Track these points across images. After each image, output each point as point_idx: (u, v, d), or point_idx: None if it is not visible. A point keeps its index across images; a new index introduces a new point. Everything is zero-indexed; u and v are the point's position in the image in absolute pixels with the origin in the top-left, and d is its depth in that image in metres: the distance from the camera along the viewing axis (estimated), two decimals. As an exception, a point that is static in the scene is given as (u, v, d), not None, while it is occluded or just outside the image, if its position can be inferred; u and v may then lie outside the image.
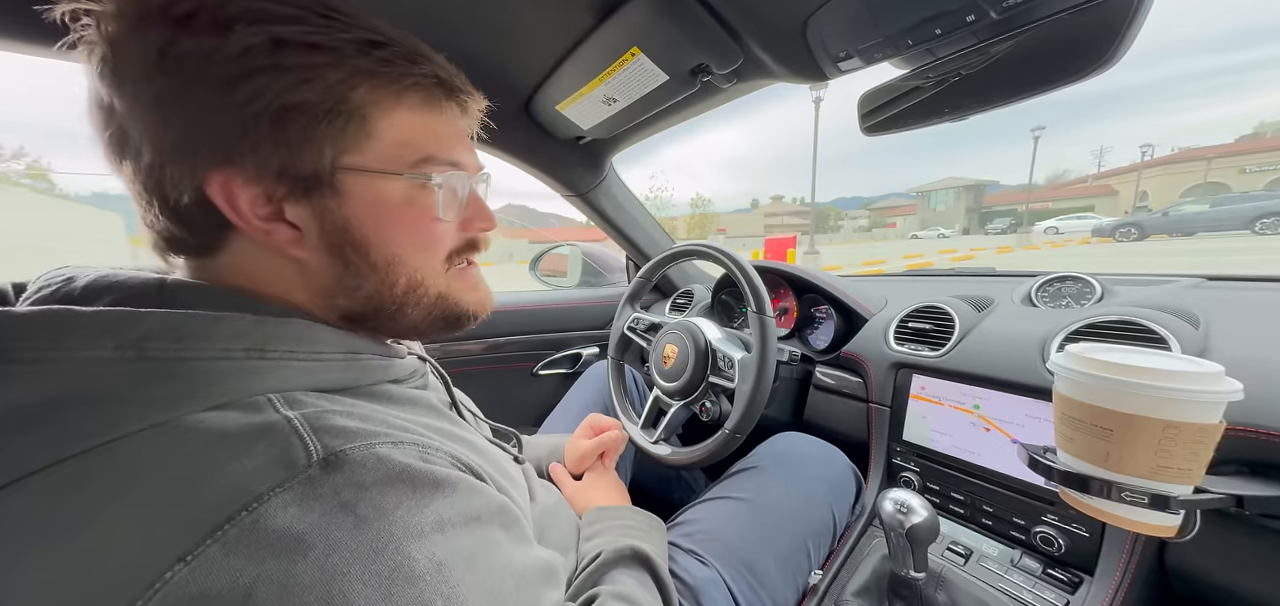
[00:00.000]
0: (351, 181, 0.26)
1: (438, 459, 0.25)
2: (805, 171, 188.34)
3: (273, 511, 0.19)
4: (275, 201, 0.25)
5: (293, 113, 0.24)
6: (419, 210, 0.28)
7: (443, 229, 0.30)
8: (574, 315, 1.15)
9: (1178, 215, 16.88)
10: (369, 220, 0.27)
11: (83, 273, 0.24)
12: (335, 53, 0.24)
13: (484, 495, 0.26)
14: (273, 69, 0.23)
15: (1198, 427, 0.33)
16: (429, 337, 0.33)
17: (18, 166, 46.26)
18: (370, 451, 0.22)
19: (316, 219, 0.26)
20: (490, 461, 0.32)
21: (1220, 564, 0.47)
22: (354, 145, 0.26)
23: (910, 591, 0.51)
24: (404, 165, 0.27)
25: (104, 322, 0.21)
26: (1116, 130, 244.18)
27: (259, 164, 0.24)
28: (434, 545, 0.22)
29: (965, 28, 0.44)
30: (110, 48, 0.23)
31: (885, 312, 0.80)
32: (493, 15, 0.58)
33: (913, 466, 0.69)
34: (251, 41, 0.23)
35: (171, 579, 0.18)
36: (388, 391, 0.29)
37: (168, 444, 0.20)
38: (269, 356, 0.24)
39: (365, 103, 0.25)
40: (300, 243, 0.26)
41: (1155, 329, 0.55)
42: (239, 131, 0.23)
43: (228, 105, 0.23)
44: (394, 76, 0.26)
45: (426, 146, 0.28)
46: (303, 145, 0.25)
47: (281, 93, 0.23)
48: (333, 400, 0.25)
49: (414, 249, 0.29)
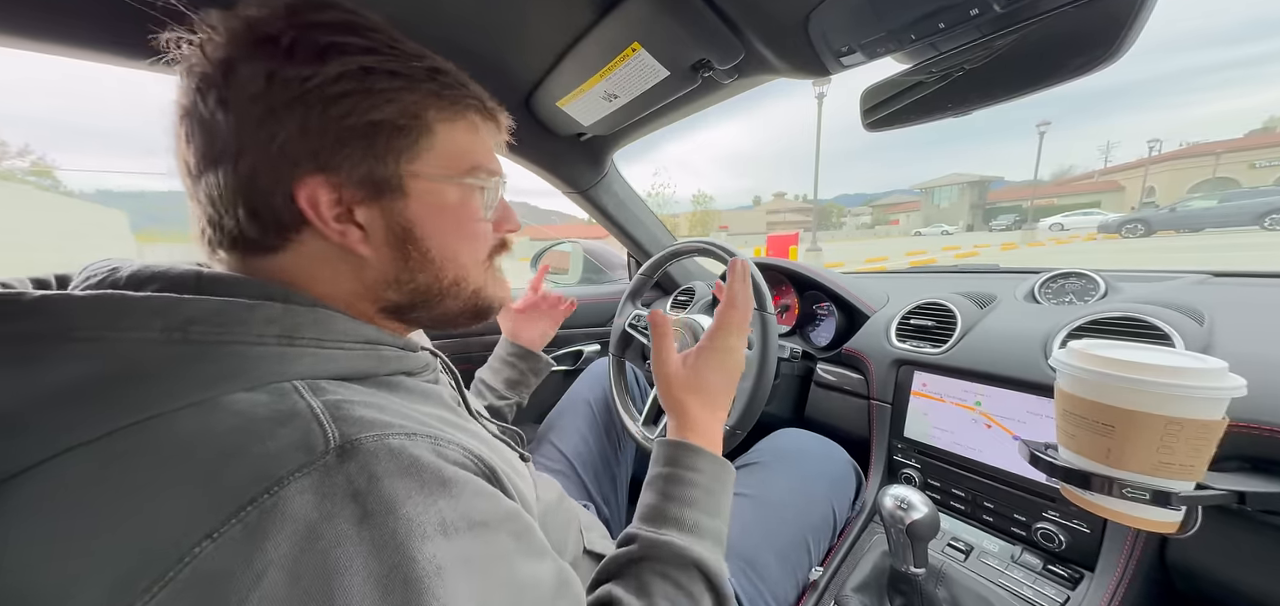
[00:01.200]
0: (417, 186, 0.30)
1: (450, 451, 0.26)
2: (808, 168, 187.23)
3: (291, 495, 0.20)
4: (346, 204, 0.29)
5: (380, 128, 0.28)
6: (469, 212, 0.33)
7: (485, 228, 0.35)
8: (575, 312, 1.15)
9: (1185, 211, 16.71)
10: (430, 220, 0.31)
11: (126, 263, 0.26)
12: (409, 78, 0.29)
13: (492, 500, 0.26)
14: (363, 92, 0.27)
15: (1200, 424, 0.33)
16: (458, 326, 0.36)
17: (22, 164, 46.63)
18: (382, 442, 0.23)
19: (383, 219, 0.30)
20: (500, 457, 0.32)
21: (1222, 560, 0.47)
22: (420, 155, 0.30)
23: (910, 587, 0.52)
24: (459, 172, 0.32)
25: (153, 307, 0.23)
26: (1123, 125, 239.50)
27: (348, 171, 0.28)
28: (436, 547, 0.22)
29: (969, 22, 0.43)
30: (221, 71, 0.26)
31: (887, 309, 0.80)
32: (493, 11, 0.58)
33: (914, 463, 0.69)
34: (344, 69, 0.27)
35: (200, 554, 0.19)
36: (403, 383, 0.30)
37: (205, 421, 0.22)
38: (298, 343, 0.26)
39: (433, 120, 0.30)
40: (366, 240, 0.30)
41: (1159, 325, 0.54)
42: (335, 144, 0.27)
43: (326, 122, 0.27)
44: (454, 99, 0.31)
45: (475, 157, 0.33)
46: (385, 155, 0.29)
47: (369, 111, 0.28)
48: (352, 389, 0.26)
49: (464, 246, 0.33)
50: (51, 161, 60.27)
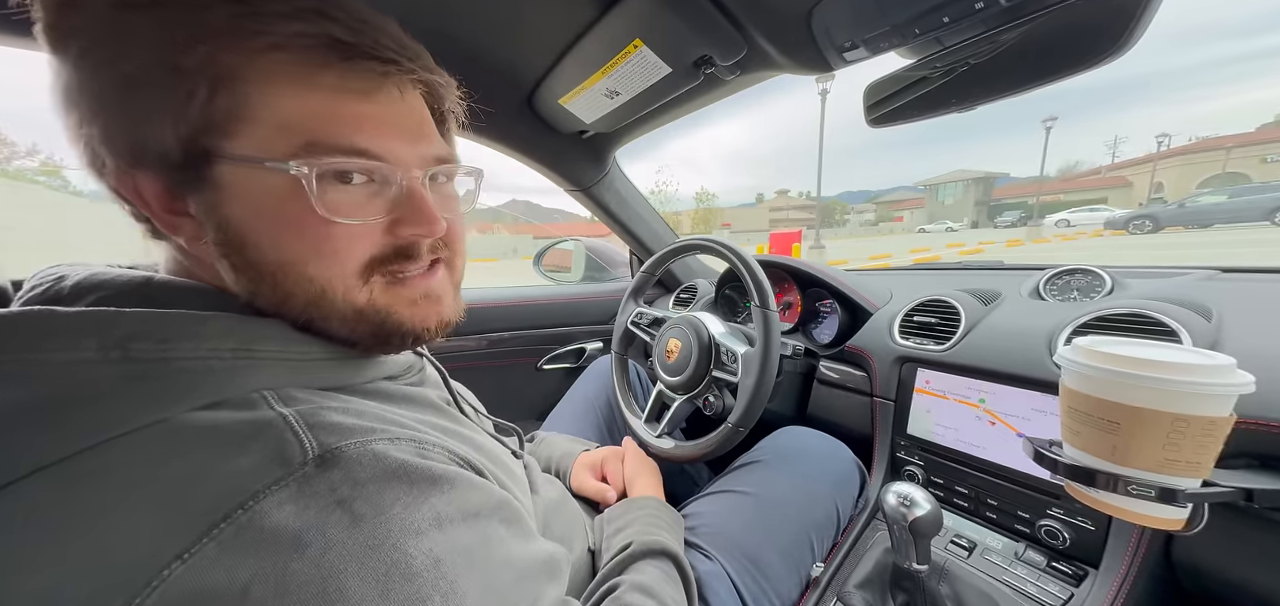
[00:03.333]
0: (227, 173, 0.22)
1: (435, 454, 0.25)
2: (811, 165, 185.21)
3: (268, 509, 0.19)
4: (170, 192, 0.23)
5: (138, 84, 0.21)
6: (304, 210, 0.23)
7: (343, 232, 0.25)
8: (578, 310, 1.15)
9: (1194, 206, 16.50)
10: (249, 219, 0.23)
11: (73, 271, 0.24)
12: (183, 8, 0.20)
13: (483, 490, 0.26)
14: (116, 35, 0.20)
15: (1207, 421, 0.32)
16: (377, 353, 0.29)
17: (32, 163, 46.90)
18: (366, 448, 0.22)
19: (203, 212, 0.23)
20: (490, 457, 0.31)
21: (1228, 557, 0.47)
22: (223, 127, 0.22)
23: (913, 584, 0.51)
24: (285, 153, 0.22)
25: (85, 324, 0.20)
26: (1131, 120, 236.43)
27: (119, 147, 0.22)
28: (431, 541, 0.21)
29: (974, 15, 0.43)
30: (55, 11, 0.21)
31: (890, 306, 0.79)
32: (494, 9, 0.58)
33: (917, 460, 0.68)
34: (97, 6, 0.20)
35: (169, 576, 0.18)
36: (382, 389, 0.29)
37: (161, 444, 0.20)
38: (257, 356, 0.23)
39: (233, 69, 0.21)
40: (202, 236, 0.24)
41: (1165, 321, 0.54)
42: (97, 105, 0.21)
43: (87, 85, 0.21)
44: (254, 33, 0.21)
45: (320, 130, 0.23)
46: (147, 120, 0.21)
47: (124, 60, 0.20)
48: (327, 396, 0.24)
49: (307, 255, 0.24)
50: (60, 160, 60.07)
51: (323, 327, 0.26)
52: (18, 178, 30.36)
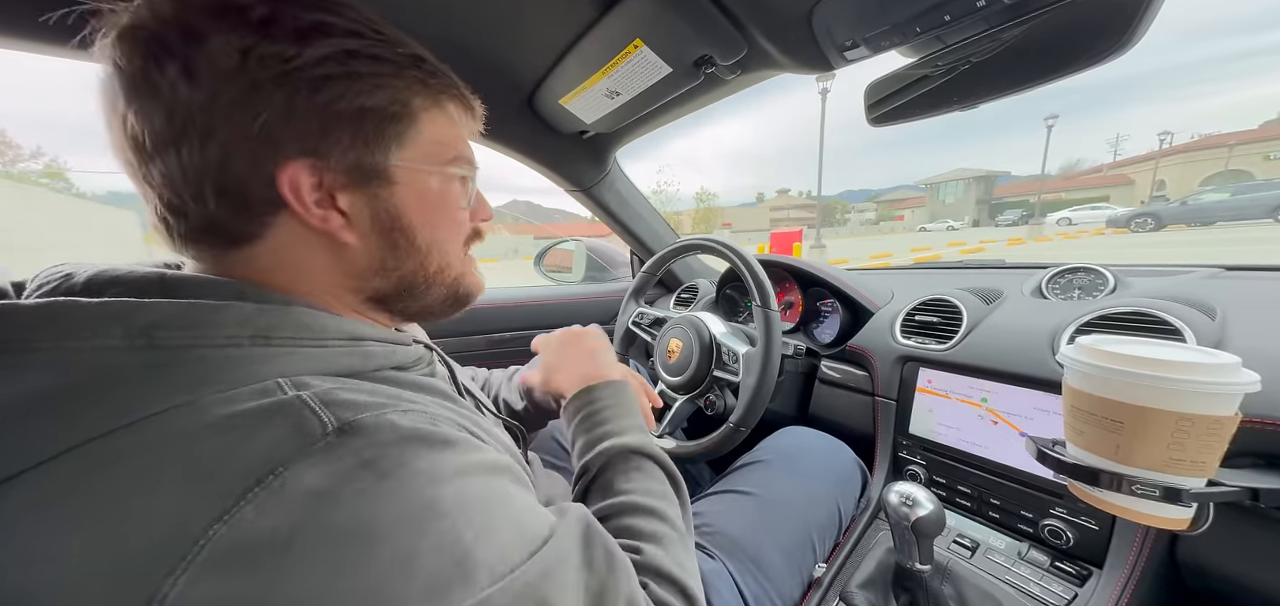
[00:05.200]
0: (404, 174, 0.30)
1: (446, 425, 0.27)
2: (812, 164, 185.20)
3: (299, 473, 0.20)
4: (328, 189, 0.28)
5: (368, 114, 0.28)
6: (451, 200, 0.33)
7: (464, 217, 0.35)
8: (579, 310, 1.15)
9: (1196, 204, 16.42)
10: (416, 208, 0.31)
11: (81, 268, 0.25)
12: (395, 64, 0.28)
13: (496, 451, 0.29)
14: (349, 76, 0.27)
15: (1212, 420, 0.32)
16: (439, 317, 0.36)
17: (36, 166, 47.21)
18: (382, 418, 0.24)
19: (369, 206, 0.29)
20: (495, 439, 0.32)
21: (1234, 557, 0.46)
22: (408, 143, 0.30)
23: (916, 584, 0.51)
24: (442, 161, 0.32)
25: (111, 313, 0.22)
26: (1133, 118, 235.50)
27: (337, 157, 0.27)
28: (457, 487, 0.23)
29: (975, 13, 0.43)
30: (182, 38, 0.24)
31: (892, 306, 0.79)
32: (495, 10, 0.58)
33: (919, 460, 0.68)
34: (327, 52, 0.26)
35: (214, 536, 0.19)
36: (392, 377, 0.30)
37: (187, 425, 0.21)
38: (274, 342, 0.25)
39: (418, 109, 0.30)
40: (349, 227, 0.29)
41: (1169, 320, 0.54)
42: (322, 129, 0.27)
43: (313, 106, 0.26)
44: (437, 88, 0.31)
45: (456, 146, 0.33)
46: (374, 142, 0.28)
47: (357, 96, 0.27)
48: (339, 381, 0.26)
49: (446, 234, 0.34)
50: (64, 163, 60.63)
51: (423, 296, 0.34)
52: (22, 180, 30.50)
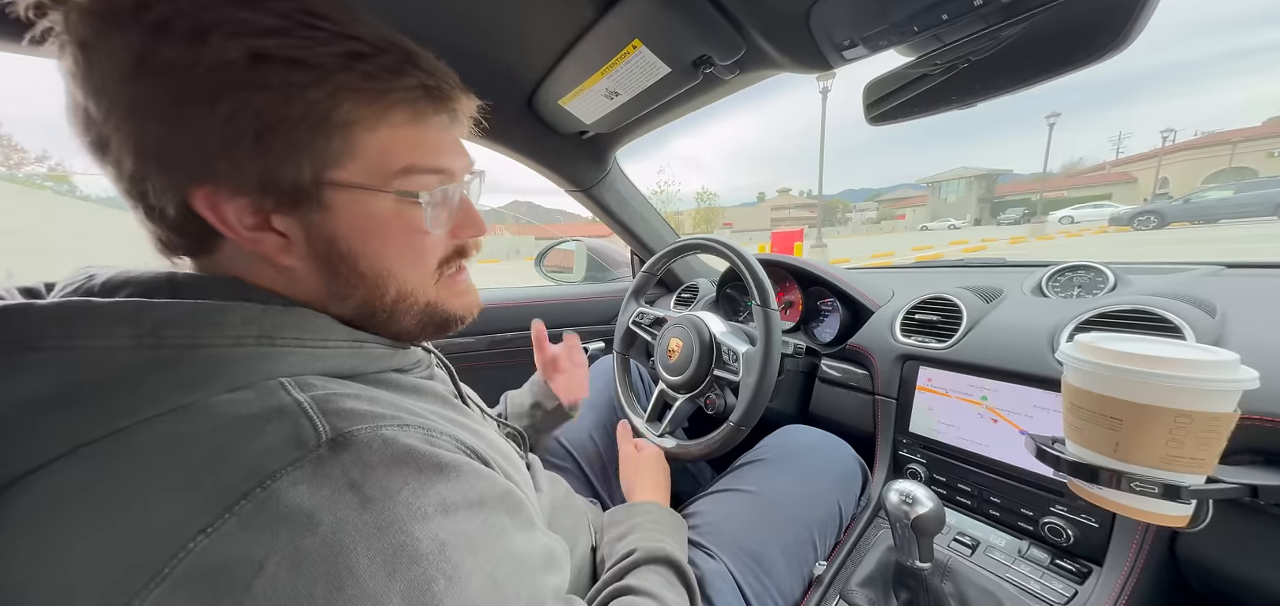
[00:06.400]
0: (337, 196, 0.26)
1: (443, 442, 0.26)
2: (812, 163, 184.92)
3: (285, 488, 0.20)
4: (263, 211, 0.25)
5: (274, 130, 0.23)
6: (406, 223, 0.28)
7: (432, 241, 0.30)
8: (579, 310, 1.15)
9: (1199, 202, 16.34)
10: (357, 235, 0.27)
11: (102, 270, 0.26)
12: (318, 69, 0.24)
13: (489, 479, 0.27)
14: (253, 85, 0.23)
15: (1210, 417, 0.32)
16: (422, 339, 0.34)
17: (41, 169, 47.37)
18: (376, 433, 0.23)
19: (303, 230, 0.26)
20: (497, 450, 0.32)
21: (1235, 554, 0.46)
22: (337, 161, 0.25)
23: (916, 582, 0.51)
24: (388, 180, 0.27)
25: (119, 313, 0.22)
26: (1136, 115, 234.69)
27: (240, 179, 0.24)
28: (437, 526, 0.22)
29: (973, 12, 0.43)
30: (81, 49, 0.22)
31: (892, 304, 0.79)
32: (494, 11, 0.58)
33: (919, 458, 0.68)
34: (229, 55, 0.22)
35: (194, 549, 0.19)
36: (394, 379, 0.30)
37: (189, 425, 0.21)
38: (278, 343, 0.25)
39: (349, 120, 0.25)
40: (288, 250, 0.26)
41: (1169, 317, 0.54)
42: (220, 146, 0.23)
43: (209, 120, 0.23)
44: (379, 92, 0.25)
45: (410, 157, 0.27)
46: (283, 162, 0.24)
47: (262, 109, 0.23)
48: (342, 384, 0.26)
49: (403, 262, 0.29)
50: (69, 166, 60.78)
51: (388, 324, 0.30)
52: (27, 184, 30.65)
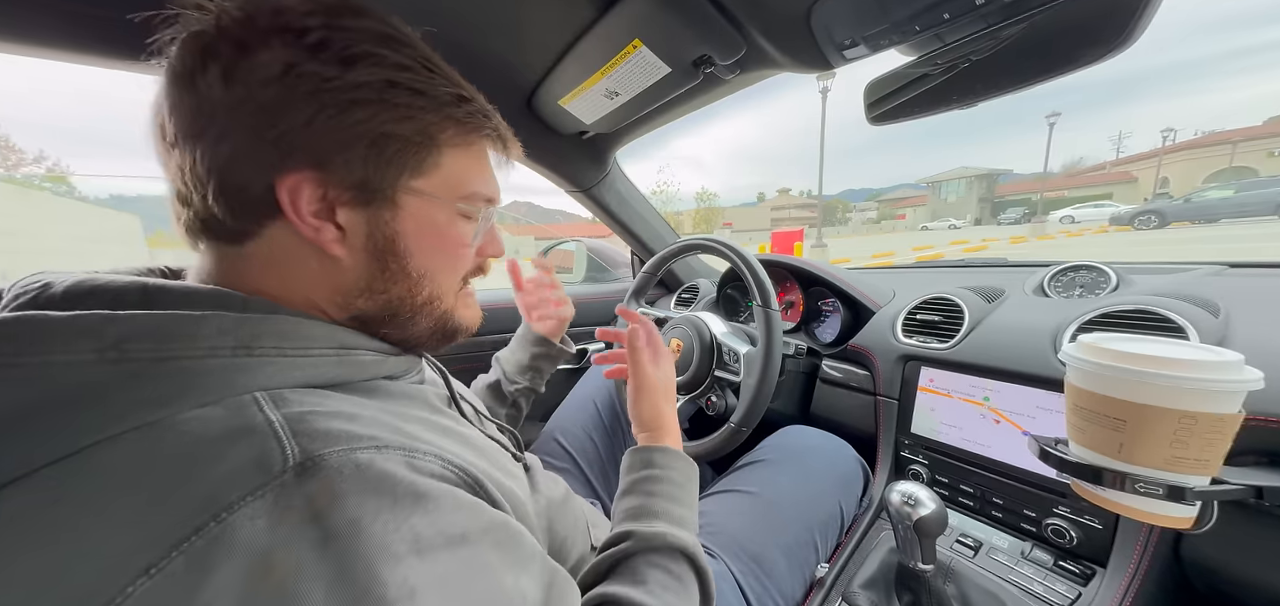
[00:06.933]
0: (410, 200, 0.30)
1: (426, 463, 0.25)
2: (813, 163, 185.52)
3: (241, 522, 0.19)
4: (329, 202, 0.27)
5: (389, 139, 0.28)
6: (454, 235, 0.32)
7: (467, 253, 0.34)
8: (579, 310, 1.14)
9: (1200, 201, 16.32)
10: (414, 233, 0.30)
11: (60, 278, 0.24)
12: (434, 99, 0.29)
13: (473, 512, 0.25)
14: (381, 103, 0.27)
15: (1215, 418, 0.32)
16: (424, 348, 0.35)
17: (38, 170, 47.52)
18: (348, 458, 0.22)
19: (366, 225, 0.29)
20: (488, 458, 0.31)
21: (1239, 556, 0.46)
22: (422, 170, 0.30)
23: (919, 583, 0.51)
24: (455, 196, 0.32)
25: (80, 326, 0.21)
26: (1136, 115, 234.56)
27: (344, 173, 0.27)
28: (408, 568, 0.20)
29: (974, 11, 0.43)
30: (233, 46, 0.25)
31: (893, 304, 0.79)
32: (494, 10, 0.58)
33: (921, 459, 0.68)
34: (368, 78, 0.26)
35: (133, 594, 0.18)
36: (381, 387, 0.29)
37: (152, 445, 0.20)
38: (257, 352, 0.24)
39: (444, 142, 0.30)
40: (341, 242, 0.29)
41: (1172, 317, 0.53)
42: (337, 146, 0.27)
43: (337, 124, 0.26)
44: (473, 128, 0.31)
45: (475, 184, 0.32)
46: (387, 166, 0.28)
47: (384, 123, 0.27)
48: (322, 397, 0.25)
49: (441, 265, 0.33)
50: (66, 167, 61.01)
51: (407, 325, 0.32)
52: (25, 185, 30.73)
